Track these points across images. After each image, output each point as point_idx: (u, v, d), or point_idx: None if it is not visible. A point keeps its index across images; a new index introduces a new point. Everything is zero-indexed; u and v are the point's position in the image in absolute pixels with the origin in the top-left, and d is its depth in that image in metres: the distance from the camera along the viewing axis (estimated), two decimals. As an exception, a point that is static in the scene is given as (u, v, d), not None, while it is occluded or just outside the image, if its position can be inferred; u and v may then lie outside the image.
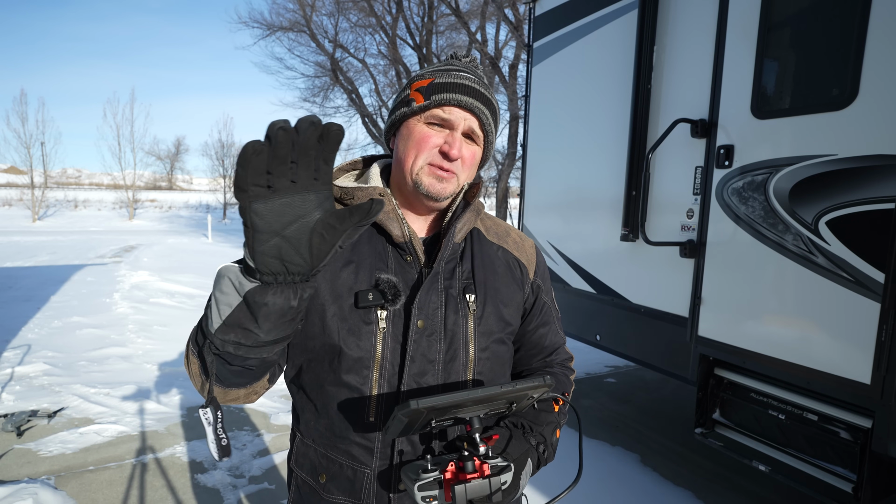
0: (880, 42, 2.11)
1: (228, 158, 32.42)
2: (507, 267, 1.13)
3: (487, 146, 1.08)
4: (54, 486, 3.00)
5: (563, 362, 1.23)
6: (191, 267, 11.39)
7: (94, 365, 5.01)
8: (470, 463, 0.86)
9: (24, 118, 27.85)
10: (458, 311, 1.03)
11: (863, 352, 2.15)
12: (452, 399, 0.81)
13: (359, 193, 1.04)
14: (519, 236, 1.21)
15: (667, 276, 3.13)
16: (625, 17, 3.44)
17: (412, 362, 0.99)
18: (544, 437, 1.04)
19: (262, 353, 0.81)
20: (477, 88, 1.03)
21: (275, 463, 3.38)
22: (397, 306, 1.00)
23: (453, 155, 0.99)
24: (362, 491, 1.02)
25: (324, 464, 1.05)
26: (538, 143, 4.45)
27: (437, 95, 1.00)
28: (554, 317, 1.22)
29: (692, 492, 3.20)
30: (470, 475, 0.85)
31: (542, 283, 1.18)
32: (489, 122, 1.05)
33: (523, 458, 0.97)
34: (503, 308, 1.09)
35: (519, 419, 1.04)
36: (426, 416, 0.82)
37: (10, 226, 22.95)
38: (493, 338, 1.07)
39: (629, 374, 5.46)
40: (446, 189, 1.02)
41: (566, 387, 1.19)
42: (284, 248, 0.69)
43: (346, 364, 0.99)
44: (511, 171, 15.27)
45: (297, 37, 17.31)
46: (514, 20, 14.07)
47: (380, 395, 0.99)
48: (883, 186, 2.07)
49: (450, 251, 1.05)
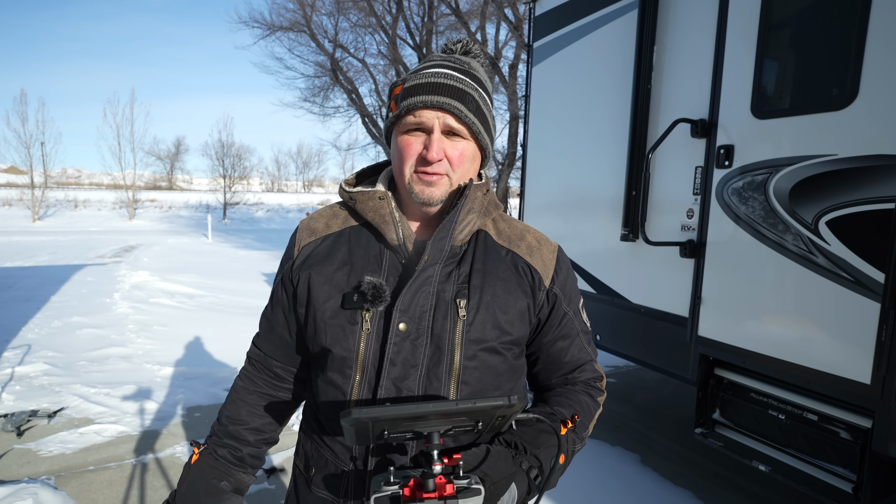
0: (880, 42, 2.11)
1: (228, 158, 32.44)
2: (513, 272, 1.05)
3: (477, 137, 1.02)
4: (54, 486, 3.00)
5: (588, 381, 1.13)
6: (191, 267, 11.39)
7: (94, 365, 5.01)
8: (430, 481, 0.79)
9: (24, 118, 27.82)
10: (448, 315, 0.99)
11: (863, 352, 2.15)
12: (399, 412, 0.75)
13: (360, 197, 1.07)
14: (536, 240, 1.11)
15: (667, 276, 3.13)
16: (625, 17, 3.44)
17: (392, 365, 0.97)
18: (539, 460, 0.91)
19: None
20: (446, 83, 0.98)
21: (274, 463, 3.38)
22: (380, 308, 0.98)
23: (430, 157, 0.97)
24: (341, 489, 1.03)
25: (314, 457, 1.09)
26: (538, 143, 4.44)
27: (404, 102, 0.98)
28: (578, 330, 1.12)
29: (692, 492, 3.20)
30: (427, 494, 0.79)
31: (560, 293, 1.09)
32: (465, 113, 0.98)
33: (505, 482, 0.86)
34: (501, 315, 1.01)
35: (514, 438, 0.94)
36: (375, 427, 0.78)
37: (10, 226, 22.95)
38: (484, 346, 1.00)
39: (629, 374, 5.46)
40: (435, 193, 1.00)
41: (588, 409, 1.09)
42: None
43: (333, 363, 1.01)
44: (511, 171, 15.27)
45: (297, 37, 17.32)
46: (514, 20, 14.08)
47: (359, 395, 1.00)
48: (883, 186, 2.07)
49: (447, 253, 1.01)
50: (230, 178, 32.20)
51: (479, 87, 1.03)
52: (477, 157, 1.06)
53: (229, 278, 10.10)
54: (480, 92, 1.02)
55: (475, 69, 1.05)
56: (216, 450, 1.14)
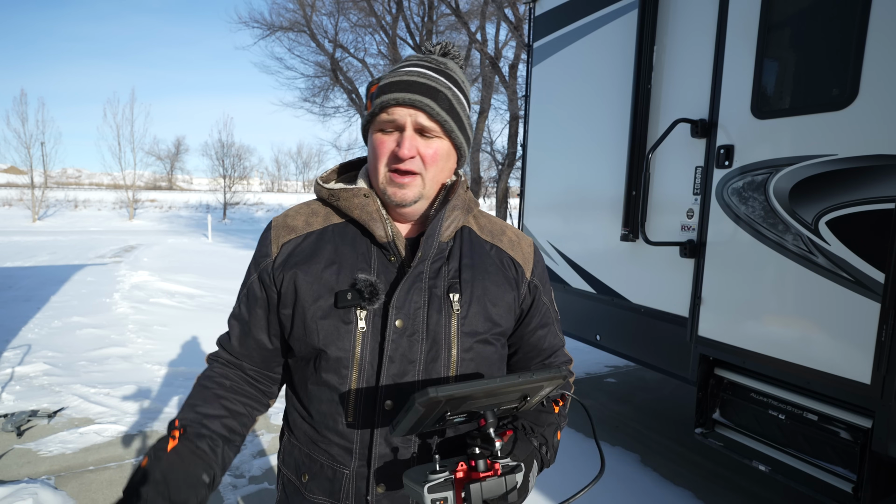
0: (880, 42, 2.11)
1: (228, 158, 32.43)
2: (499, 266, 1.09)
3: (450, 135, 1.01)
4: (54, 486, 3.00)
5: (561, 365, 1.20)
6: (191, 267, 11.39)
7: (94, 365, 5.01)
8: (482, 461, 0.82)
9: (24, 118, 27.75)
10: (442, 310, 1.01)
11: (863, 352, 2.15)
12: (471, 388, 0.77)
13: (343, 195, 1.06)
14: (515, 235, 1.17)
15: (667, 276, 3.13)
16: (625, 17, 3.44)
17: (391, 363, 0.98)
18: (546, 438, 1.02)
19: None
20: (418, 81, 0.98)
21: (275, 463, 3.38)
22: (375, 306, 0.99)
23: (402, 154, 0.97)
24: (341, 491, 1.02)
25: (306, 463, 1.07)
26: (538, 143, 4.44)
27: (378, 99, 0.99)
28: (553, 318, 1.19)
29: (692, 492, 3.20)
30: (483, 473, 0.81)
31: (539, 284, 1.15)
32: (436, 110, 0.98)
33: (530, 460, 0.94)
34: (491, 308, 1.05)
35: (519, 420, 1.01)
36: (442, 408, 0.78)
37: (10, 226, 22.95)
38: (478, 338, 1.04)
39: (629, 374, 5.46)
40: (407, 195, 1.00)
41: (565, 389, 1.17)
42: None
43: (326, 364, 1.00)
44: (511, 171, 15.27)
45: (297, 37, 17.30)
46: (514, 20, 14.08)
47: (358, 395, 0.99)
48: (883, 186, 2.07)
49: (435, 250, 1.02)
50: (230, 178, 32.17)
51: (453, 86, 1.02)
52: (452, 156, 1.05)
53: (229, 278, 10.10)
54: (454, 91, 1.02)
55: (451, 69, 1.05)
56: (196, 441, 0.99)
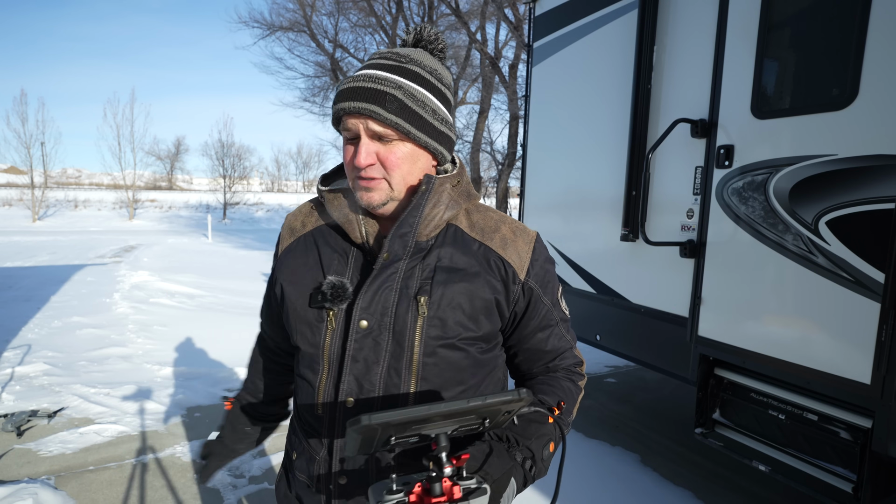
0: (880, 42, 2.11)
1: (228, 158, 32.44)
2: (484, 266, 1.02)
3: (410, 136, 0.97)
4: (54, 486, 3.00)
5: (569, 367, 1.13)
6: (191, 267, 11.39)
7: (94, 365, 5.01)
8: (437, 485, 0.77)
9: (24, 118, 27.84)
10: (409, 311, 0.99)
11: (863, 352, 2.15)
12: (410, 414, 0.72)
13: (328, 196, 1.09)
14: (512, 232, 1.07)
15: (667, 276, 3.13)
16: (625, 17, 3.44)
17: (354, 362, 1.00)
18: (532, 451, 0.94)
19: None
20: (364, 86, 0.94)
21: (274, 463, 3.38)
22: (343, 306, 1.01)
23: (358, 163, 0.96)
24: (315, 475, 1.08)
25: (295, 442, 1.15)
26: (538, 143, 4.44)
27: (333, 111, 0.99)
28: (557, 320, 1.12)
29: (692, 492, 3.20)
30: (436, 499, 0.76)
31: (536, 285, 1.07)
32: (383, 115, 0.93)
33: (505, 478, 0.87)
34: (464, 311, 1.00)
35: (504, 432, 0.95)
36: (382, 433, 0.75)
37: (10, 226, 22.95)
38: (444, 342, 0.99)
39: (629, 374, 5.46)
40: (374, 198, 1.00)
41: (571, 395, 1.09)
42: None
43: (304, 360, 1.08)
44: (511, 171, 15.27)
45: (297, 37, 17.33)
46: (514, 20, 14.08)
47: (326, 391, 1.04)
48: (883, 186, 2.07)
49: (412, 249, 1.00)
50: (230, 178, 32.19)
51: (410, 82, 0.97)
52: (420, 156, 1.01)
53: (229, 278, 10.10)
54: (412, 87, 0.96)
55: (415, 60, 0.99)
56: (241, 405, 1.37)
